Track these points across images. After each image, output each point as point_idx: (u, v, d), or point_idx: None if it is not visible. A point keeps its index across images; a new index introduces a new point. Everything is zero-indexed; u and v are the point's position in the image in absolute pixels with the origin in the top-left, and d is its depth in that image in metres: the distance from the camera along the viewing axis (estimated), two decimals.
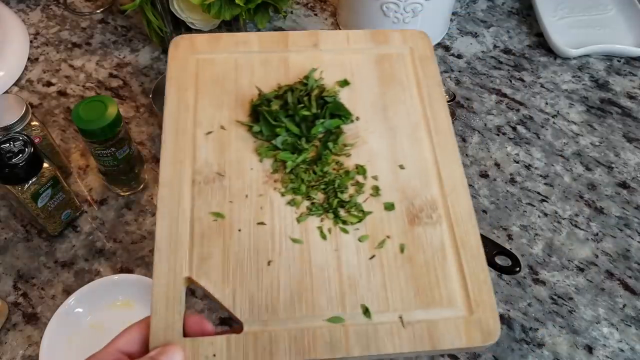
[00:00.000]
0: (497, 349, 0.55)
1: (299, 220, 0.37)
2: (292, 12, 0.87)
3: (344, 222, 0.37)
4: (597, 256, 0.62)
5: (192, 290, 0.57)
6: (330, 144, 0.40)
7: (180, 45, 0.44)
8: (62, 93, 0.76)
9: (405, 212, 0.38)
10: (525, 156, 0.71)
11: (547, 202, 0.67)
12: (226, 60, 0.43)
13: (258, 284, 0.35)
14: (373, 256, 0.36)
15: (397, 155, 0.41)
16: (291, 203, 0.38)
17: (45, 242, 0.62)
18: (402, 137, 0.41)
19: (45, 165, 0.56)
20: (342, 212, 0.38)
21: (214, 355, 0.33)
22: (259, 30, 0.84)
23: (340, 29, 0.85)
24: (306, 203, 0.38)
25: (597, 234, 0.64)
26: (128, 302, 0.56)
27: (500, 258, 0.55)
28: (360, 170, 0.40)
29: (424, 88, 0.43)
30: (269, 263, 0.36)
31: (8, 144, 0.53)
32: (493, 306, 0.35)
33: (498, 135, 0.73)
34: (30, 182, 0.54)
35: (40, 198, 0.56)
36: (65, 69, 0.79)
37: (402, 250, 0.37)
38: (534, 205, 0.66)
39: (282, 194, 0.38)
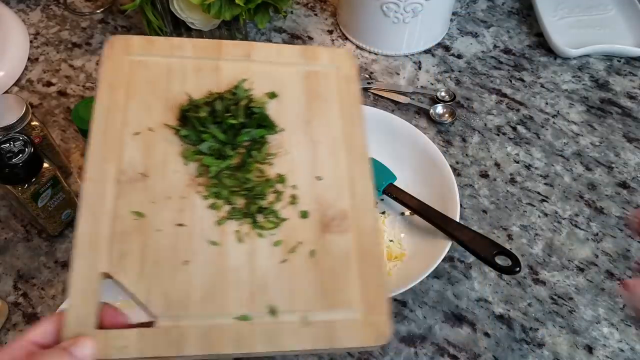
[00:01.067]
0: (497, 349, 0.56)
1: (218, 223, 0.39)
2: (292, 12, 0.87)
3: (261, 227, 0.39)
4: (597, 256, 0.62)
5: None
6: (255, 153, 0.42)
7: (115, 46, 0.44)
8: (62, 93, 0.76)
9: (318, 220, 0.40)
10: (525, 156, 0.71)
11: (547, 202, 0.67)
12: (159, 64, 0.44)
13: (173, 281, 0.36)
14: (285, 260, 0.38)
15: (316, 167, 0.42)
16: (212, 207, 0.39)
17: (46, 242, 0.62)
18: (322, 150, 0.43)
19: (45, 165, 0.56)
20: (260, 218, 0.39)
21: (125, 347, 0.34)
22: (259, 30, 0.84)
23: (340, 29, 0.85)
24: (227, 207, 0.39)
25: (597, 234, 0.64)
26: (128, 302, 0.56)
27: (500, 258, 0.55)
28: (281, 179, 0.41)
29: (346, 106, 0.45)
30: (185, 262, 0.37)
31: (8, 144, 0.53)
32: (387, 310, 0.37)
33: (498, 135, 0.73)
34: (30, 182, 0.54)
35: (40, 198, 0.56)
36: (65, 69, 0.79)
37: (312, 255, 0.39)
38: (534, 205, 0.66)
39: (205, 198, 0.39)
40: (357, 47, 0.83)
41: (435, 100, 0.76)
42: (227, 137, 0.42)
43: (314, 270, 0.38)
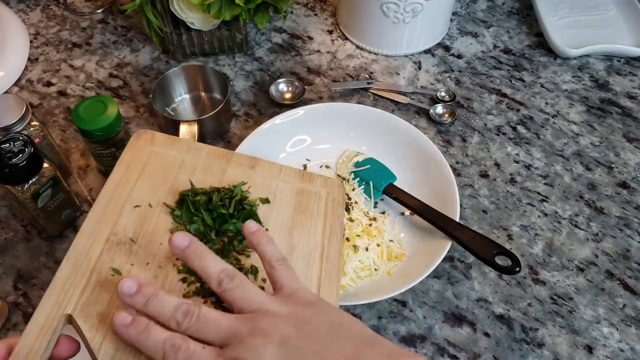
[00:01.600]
0: (497, 349, 0.56)
1: (184, 296, 0.41)
2: (292, 12, 0.87)
3: (223, 309, 0.41)
4: (597, 256, 0.62)
5: None
6: (235, 242, 0.45)
7: (141, 137, 0.50)
8: (62, 93, 0.76)
9: None
10: (525, 156, 0.71)
11: (547, 202, 0.67)
12: (175, 158, 0.50)
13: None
14: None
15: None
16: (183, 280, 0.42)
17: (45, 242, 0.62)
18: (298, 255, 0.47)
19: (45, 165, 0.56)
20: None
21: None
22: (259, 30, 0.84)
23: (340, 29, 0.85)
24: (196, 284, 0.42)
25: (597, 234, 0.64)
26: None
27: (500, 258, 0.55)
28: (253, 270, 0.44)
29: (328, 224, 0.49)
30: None
31: (8, 144, 0.53)
32: None
33: (498, 135, 0.73)
34: (30, 182, 0.54)
35: (40, 198, 0.56)
36: (65, 69, 0.79)
37: None
38: (534, 205, 0.66)
39: (179, 271, 0.42)
40: (357, 47, 0.83)
41: (435, 100, 0.76)
42: (214, 224, 0.45)
43: None
